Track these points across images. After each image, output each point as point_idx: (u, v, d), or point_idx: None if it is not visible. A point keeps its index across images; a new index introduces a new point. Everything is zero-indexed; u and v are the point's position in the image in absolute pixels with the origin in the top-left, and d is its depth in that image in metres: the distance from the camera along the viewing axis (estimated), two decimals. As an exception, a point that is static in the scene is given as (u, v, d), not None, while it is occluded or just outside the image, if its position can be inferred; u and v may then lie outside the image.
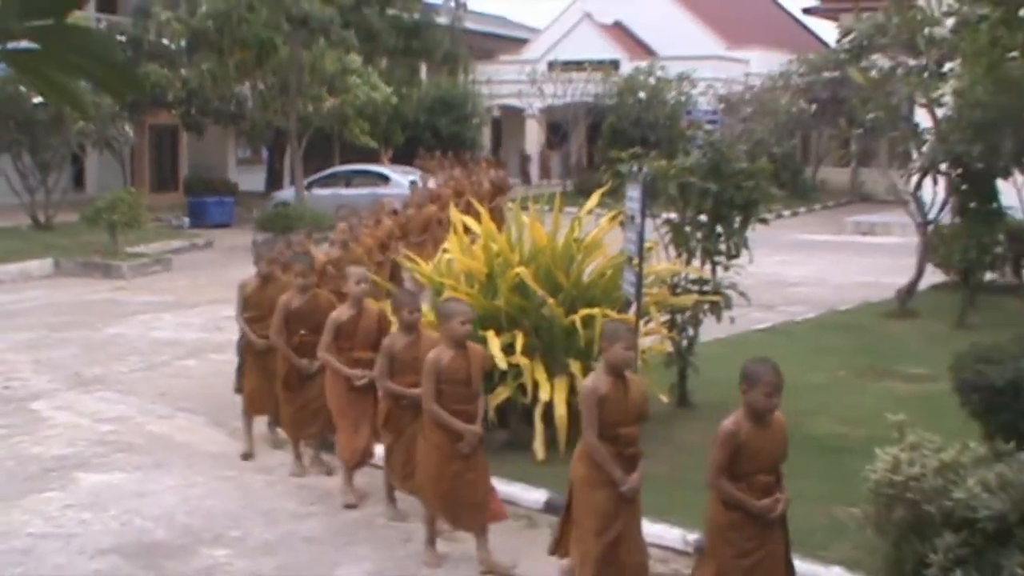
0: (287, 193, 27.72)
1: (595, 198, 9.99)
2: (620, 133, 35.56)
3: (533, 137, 43.57)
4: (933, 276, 15.39)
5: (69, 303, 16.69)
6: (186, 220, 27.49)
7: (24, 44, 2.24)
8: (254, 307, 9.03)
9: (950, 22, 13.41)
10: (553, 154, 42.84)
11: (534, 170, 42.65)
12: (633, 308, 8.51)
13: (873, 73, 14.56)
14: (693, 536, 6.89)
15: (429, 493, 6.72)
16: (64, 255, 20.13)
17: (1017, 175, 12.69)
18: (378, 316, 7.98)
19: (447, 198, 17.28)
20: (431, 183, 19.94)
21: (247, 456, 8.95)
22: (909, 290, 14.73)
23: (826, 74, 34.78)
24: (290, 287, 8.68)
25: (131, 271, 19.40)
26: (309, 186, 27.21)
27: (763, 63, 39.49)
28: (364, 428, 7.83)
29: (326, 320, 8.01)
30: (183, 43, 26.21)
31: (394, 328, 7.50)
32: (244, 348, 9.43)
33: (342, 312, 7.89)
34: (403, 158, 32.63)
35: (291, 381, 8.53)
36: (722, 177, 9.24)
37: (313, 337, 8.17)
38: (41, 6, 2.18)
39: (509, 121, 44.92)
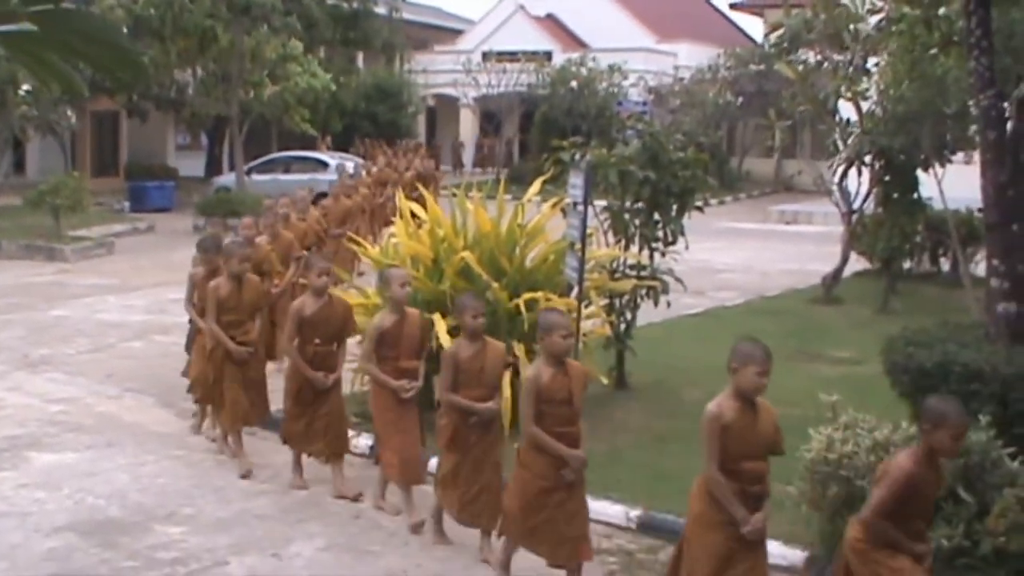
0: (227, 179, 27.91)
1: (536, 185, 10.28)
2: (552, 123, 36.05)
3: (468, 126, 43.82)
4: (856, 264, 15.96)
5: (13, 285, 16.67)
6: (127, 204, 27.54)
7: (20, 26, 2.29)
8: (232, 311, 8.36)
9: (874, 19, 13.91)
10: (487, 142, 43.10)
11: (470, 158, 42.86)
12: (575, 292, 8.81)
13: (800, 68, 15.03)
14: (635, 512, 7.21)
15: (520, 526, 5.99)
16: (6, 238, 20.06)
17: (937, 167, 13.21)
18: (421, 322, 7.40)
19: (370, 187, 17.41)
20: (374, 170, 20.17)
21: (247, 475, 8.20)
22: (834, 277, 15.27)
23: (752, 68, 35.57)
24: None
25: (74, 254, 19.42)
26: (249, 172, 27.40)
27: (691, 56, 40.18)
28: (416, 442, 7.29)
29: (342, 328, 7.76)
30: (125, 30, 26.07)
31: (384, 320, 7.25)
32: (193, 341, 9.39)
33: (384, 319, 7.22)
34: (340, 145, 32.82)
35: (304, 396, 7.79)
36: (660, 166, 9.59)
37: (326, 347, 7.77)
38: None
39: (444, 110, 45.10)
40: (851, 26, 14.32)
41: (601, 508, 7.14)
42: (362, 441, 8.62)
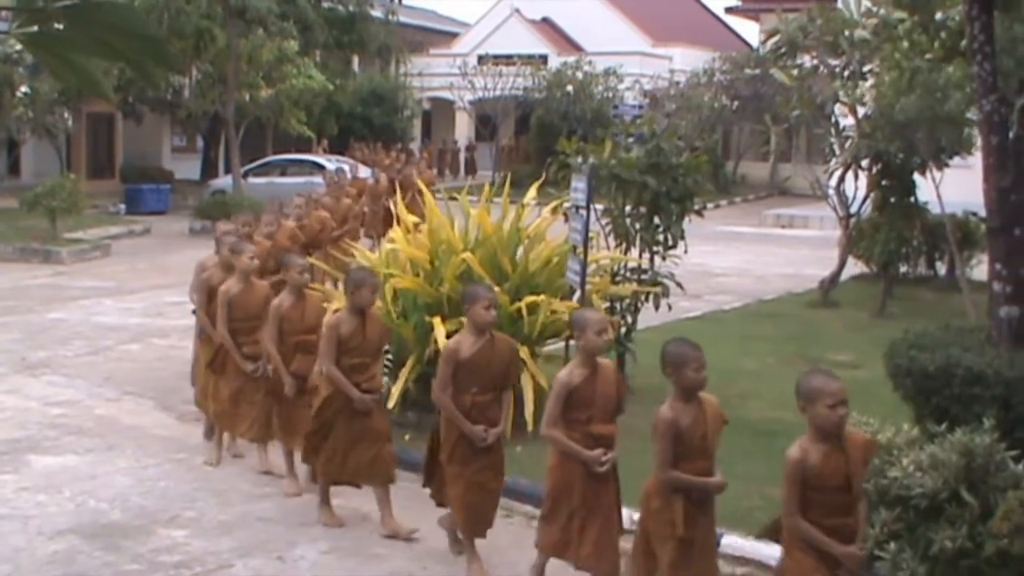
0: (223, 181, 27.90)
1: (533, 190, 10.28)
2: (548, 126, 36.15)
3: (463, 129, 43.86)
4: (853, 267, 16.00)
5: (9, 288, 16.66)
6: (122, 207, 27.55)
7: (46, 28, 2.27)
8: (354, 351, 7.07)
9: (870, 24, 13.95)
10: (481, 145, 43.15)
11: (463, 163, 42.92)
12: (576, 296, 8.82)
13: (796, 72, 15.06)
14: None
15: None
16: (2, 240, 20.08)
17: (934, 170, 13.26)
18: (616, 376, 5.98)
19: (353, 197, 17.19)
20: (382, 177, 20.23)
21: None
22: (832, 280, 15.31)
23: (747, 72, 35.62)
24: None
25: (70, 257, 19.42)
26: (245, 175, 27.39)
27: (687, 60, 40.27)
28: (613, 528, 5.96)
29: (506, 373, 6.43)
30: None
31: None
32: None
33: (573, 374, 5.78)
34: (336, 149, 32.85)
35: (460, 454, 6.40)
36: (661, 171, 9.61)
37: (486, 395, 6.38)
38: None
39: (439, 113, 45.13)
40: (846, 32, 14.36)
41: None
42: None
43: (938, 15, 10.03)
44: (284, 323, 7.73)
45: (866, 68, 14.70)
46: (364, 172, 23.47)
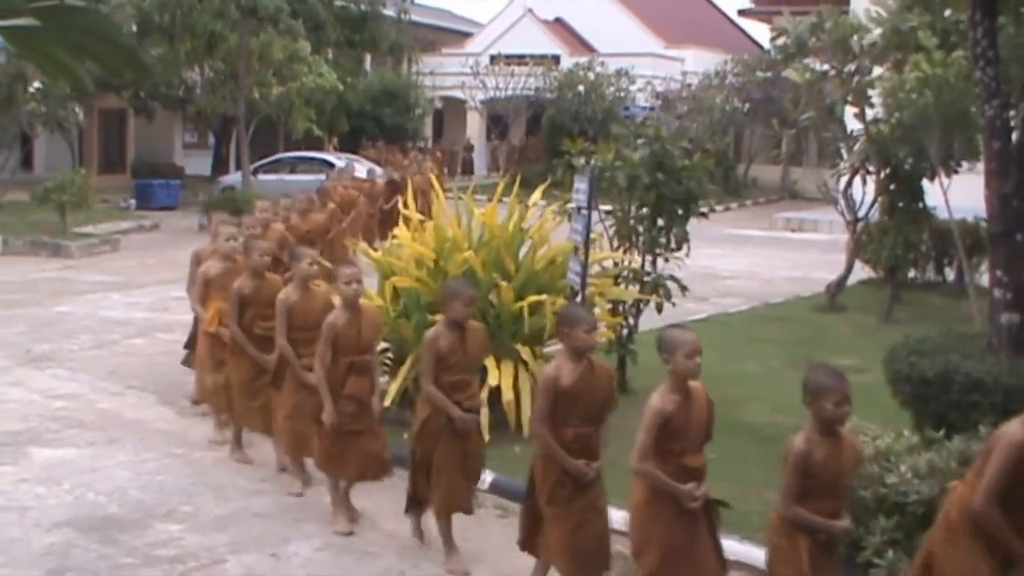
0: (233, 178, 28.01)
1: (539, 192, 10.28)
2: (559, 126, 36.12)
3: (475, 128, 43.87)
4: (861, 272, 15.95)
5: (18, 281, 16.72)
6: (133, 202, 27.65)
7: (24, 21, 2.28)
8: (454, 368, 6.54)
9: (881, 29, 13.90)
10: (494, 145, 43.15)
11: (479, 161, 42.86)
12: (578, 297, 8.81)
13: (807, 75, 15.01)
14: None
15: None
16: (12, 234, 20.15)
17: (942, 176, 13.19)
18: (708, 401, 5.49)
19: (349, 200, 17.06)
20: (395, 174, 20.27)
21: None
22: (839, 285, 15.26)
23: (760, 74, 35.57)
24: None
25: (79, 251, 19.51)
26: (255, 171, 27.52)
27: (699, 62, 40.22)
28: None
29: (606, 402, 5.90)
30: (134, 27, 26.26)
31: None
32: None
33: (665, 400, 5.30)
34: (347, 147, 32.91)
35: (561, 493, 5.83)
36: (666, 172, 9.59)
37: (587, 427, 5.81)
38: None
39: (451, 112, 45.14)
40: (855, 36, 14.31)
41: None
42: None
43: (947, 12, 9.98)
44: (339, 340, 6.99)
45: (875, 73, 14.65)
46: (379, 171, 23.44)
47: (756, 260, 21.26)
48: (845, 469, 5.05)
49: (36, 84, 23.10)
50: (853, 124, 14.95)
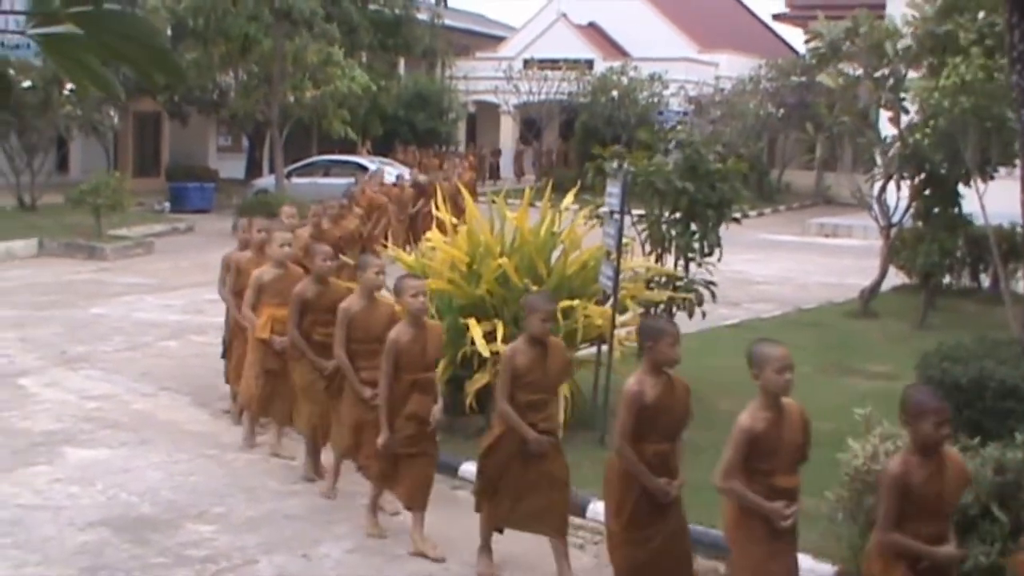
0: (267, 181, 28.14)
1: (570, 196, 10.24)
2: (592, 131, 36.13)
3: (508, 133, 43.90)
4: (895, 278, 15.82)
5: (53, 283, 16.89)
6: (167, 205, 27.87)
7: (61, 28, 2.30)
8: (531, 387, 6.32)
9: (917, 33, 13.80)
10: (528, 149, 43.13)
11: (507, 166, 42.89)
12: (610, 301, 8.80)
13: (840, 80, 14.92)
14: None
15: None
16: (48, 236, 20.37)
17: (978, 182, 13.06)
18: (803, 421, 5.27)
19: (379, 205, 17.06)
20: (421, 177, 20.29)
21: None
22: (872, 291, 15.14)
23: (794, 79, 35.39)
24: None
25: (114, 253, 19.69)
26: (289, 175, 27.64)
27: (732, 67, 40.07)
28: None
29: (685, 417, 5.80)
30: (168, 31, 26.50)
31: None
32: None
33: (756, 419, 5.12)
34: (380, 151, 33.05)
35: (641, 514, 5.69)
36: (698, 177, 9.56)
37: (666, 444, 5.72)
38: None
39: (484, 117, 45.23)
40: (888, 41, 14.22)
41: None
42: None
43: (980, 15, 9.88)
44: (402, 357, 6.69)
45: (910, 77, 14.54)
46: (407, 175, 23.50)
47: (789, 265, 21.15)
48: (948, 490, 4.82)
49: (70, 87, 23.35)
50: (888, 129, 14.84)
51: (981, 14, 9.68)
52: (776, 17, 45.32)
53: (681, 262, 10.08)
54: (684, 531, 5.77)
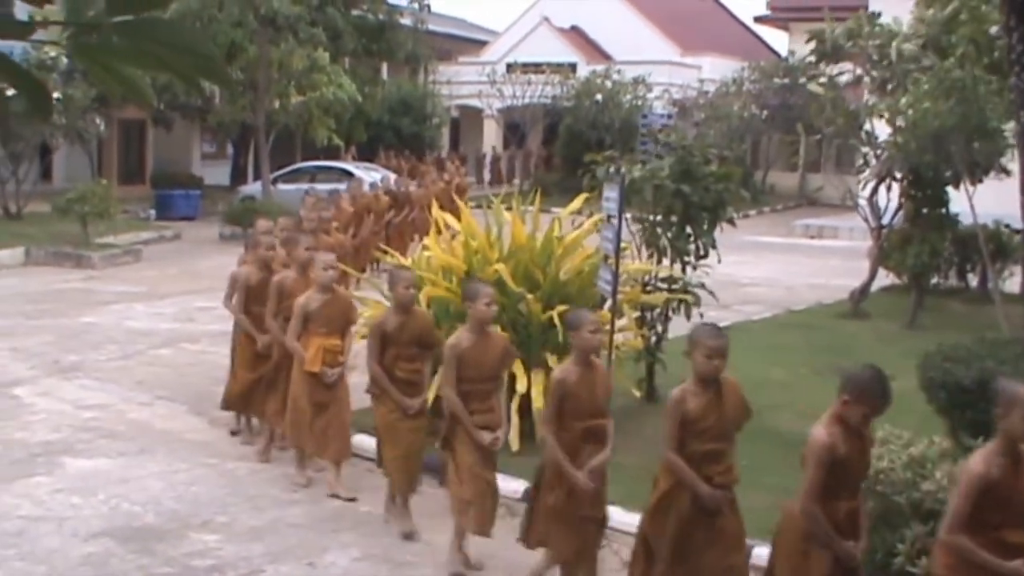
0: (253, 187, 28.10)
1: (578, 202, 10.24)
2: (577, 134, 36.20)
3: (492, 137, 43.90)
4: (884, 279, 15.92)
5: (42, 292, 16.81)
6: (153, 212, 27.74)
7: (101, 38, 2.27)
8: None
9: (920, 39, 13.91)
10: (505, 155, 43.14)
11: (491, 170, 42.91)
12: (608, 305, 8.83)
13: (832, 81, 15.02)
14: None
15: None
16: (35, 244, 20.25)
17: (967, 183, 13.17)
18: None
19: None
20: (412, 186, 20.31)
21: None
22: (863, 291, 15.23)
23: (776, 81, 35.54)
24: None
25: (102, 261, 19.58)
26: (274, 181, 27.58)
27: (715, 69, 40.18)
28: None
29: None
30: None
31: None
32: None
33: (992, 467, 4.60)
34: (364, 156, 33.02)
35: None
36: (693, 180, 9.61)
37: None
38: (128, 1, 2.23)
39: (468, 121, 45.20)
40: (893, 43, 14.33)
41: (632, 520, 7.13)
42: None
43: (993, 29, 9.94)
44: (567, 401, 5.86)
45: (908, 81, 14.64)
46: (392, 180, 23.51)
47: (777, 267, 21.23)
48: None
49: (56, 95, 23.20)
50: (880, 131, 14.94)
51: (994, 29, 9.77)
52: (758, 20, 45.57)
53: (677, 265, 10.12)
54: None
